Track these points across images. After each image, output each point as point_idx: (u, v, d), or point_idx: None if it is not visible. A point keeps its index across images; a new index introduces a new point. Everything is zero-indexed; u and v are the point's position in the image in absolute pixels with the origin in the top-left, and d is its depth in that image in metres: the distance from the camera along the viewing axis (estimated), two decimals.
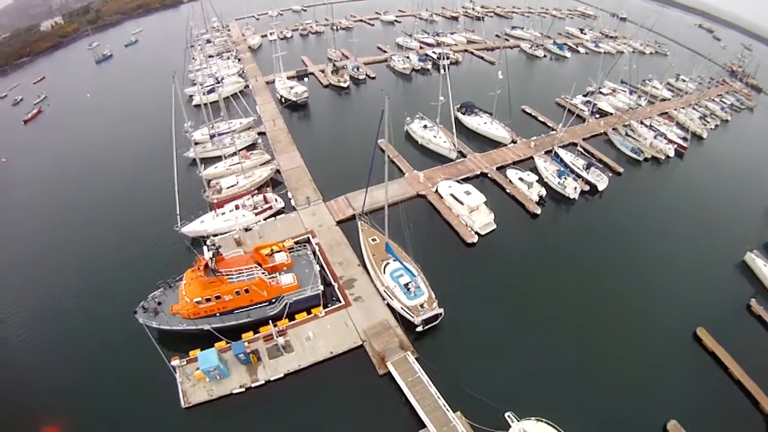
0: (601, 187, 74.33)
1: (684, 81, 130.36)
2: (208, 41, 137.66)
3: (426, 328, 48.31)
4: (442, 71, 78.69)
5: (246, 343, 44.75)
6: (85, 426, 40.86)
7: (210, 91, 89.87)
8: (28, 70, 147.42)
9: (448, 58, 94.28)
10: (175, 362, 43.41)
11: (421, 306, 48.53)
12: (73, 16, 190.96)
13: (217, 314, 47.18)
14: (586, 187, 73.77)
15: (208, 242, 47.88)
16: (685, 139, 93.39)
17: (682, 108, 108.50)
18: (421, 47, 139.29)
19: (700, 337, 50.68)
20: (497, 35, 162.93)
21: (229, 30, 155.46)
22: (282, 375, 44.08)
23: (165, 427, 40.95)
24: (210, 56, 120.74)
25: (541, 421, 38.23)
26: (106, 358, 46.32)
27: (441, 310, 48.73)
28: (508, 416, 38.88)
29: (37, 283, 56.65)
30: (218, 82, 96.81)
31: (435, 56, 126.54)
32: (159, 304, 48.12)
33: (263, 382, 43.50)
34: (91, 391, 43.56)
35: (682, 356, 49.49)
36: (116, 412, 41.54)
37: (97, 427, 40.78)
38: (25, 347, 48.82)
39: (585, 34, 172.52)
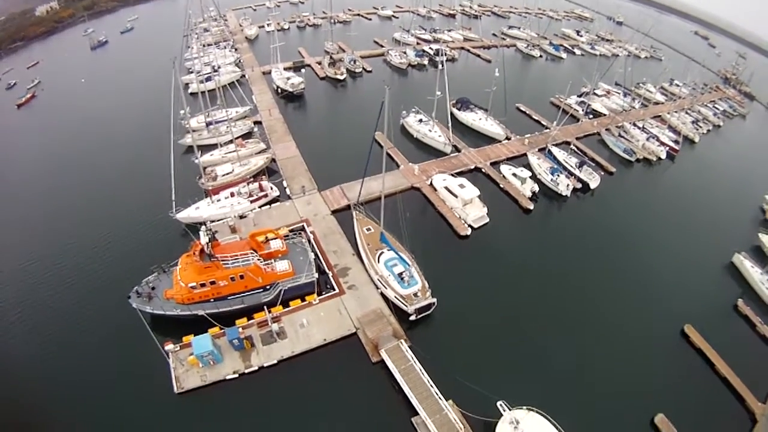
0: (593, 185, 75.21)
1: (678, 86, 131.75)
2: (205, 30, 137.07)
3: (419, 317, 48.77)
4: (440, 66, 78.98)
5: (240, 329, 44.76)
6: (76, 411, 40.63)
7: (206, 80, 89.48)
8: (21, 55, 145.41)
9: (444, 54, 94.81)
10: (168, 347, 43.27)
11: (415, 295, 48.97)
12: (68, 1, 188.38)
13: (212, 300, 47.08)
14: (579, 185, 74.54)
15: (204, 227, 47.77)
16: (677, 142, 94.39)
17: (675, 112, 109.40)
18: (418, 43, 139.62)
19: (687, 334, 51.50)
20: (494, 34, 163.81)
21: (226, 20, 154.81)
22: (275, 361, 44.16)
23: (158, 412, 40.65)
24: (206, 45, 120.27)
25: (532, 410, 38.81)
26: (99, 343, 46.08)
27: (434, 300, 49.20)
28: (500, 405, 39.43)
29: (30, 268, 56.03)
30: (215, 71, 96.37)
31: (432, 52, 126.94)
32: (153, 289, 47.81)
33: (257, 368, 43.56)
34: (83, 376, 43.25)
35: (670, 352, 50.30)
36: (108, 398, 41.33)
37: (90, 412, 40.41)
38: (17, 332, 48.24)
39: (581, 36, 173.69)
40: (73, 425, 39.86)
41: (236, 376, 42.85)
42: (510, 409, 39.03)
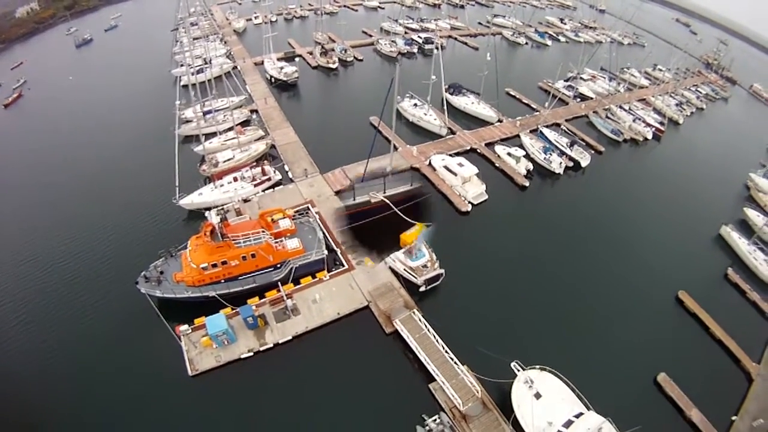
0: (584, 163, 77.36)
1: (661, 70, 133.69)
2: (192, 24, 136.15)
3: (428, 288, 49.98)
4: (435, 51, 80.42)
5: (254, 307, 45.09)
6: (90, 400, 40.14)
7: (198, 72, 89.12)
8: (4, 57, 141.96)
9: (433, 43, 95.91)
10: (182, 328, 43.50)
11: (424, 266, 50.08)
12: (49, 1, 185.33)
13: (223, 281, 47.15)
14: (570, 164, 76.53)
15: (215, 209, 48.02)
16: (662, 123, 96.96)
17: (660, 95, 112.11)
18: (406, 32, 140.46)
19: (682, 300, 53.79)
20: (480, 23, 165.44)
21: (212, 14, 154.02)
22: (290, 338, 44.65)
23: (174, 397, 40.47)
24: (196, 39, 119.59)
25: (545, 369, 40.30)
26: (109, 330, 45.49)
27: (442, 271, 50.49)
28: (514, 365, 40.77)
29: (33, 264, 54.66)
30: (207, 63, 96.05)
31: (420, 41, 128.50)
32: (161, 273, 47.52)
33: (271, 345, 43.90)
34: (95, 365, 42.63)
35: (667, 317, 52.64)
36: (122, 385, 40.84)
37: (103, 401, 39.92)
38: (25, 323, 47.48)
39: (565, 23, 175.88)
40: (87, 415, 39.22)
41: (251, 354, 42.99)
42: (524, 369, 40.38)
